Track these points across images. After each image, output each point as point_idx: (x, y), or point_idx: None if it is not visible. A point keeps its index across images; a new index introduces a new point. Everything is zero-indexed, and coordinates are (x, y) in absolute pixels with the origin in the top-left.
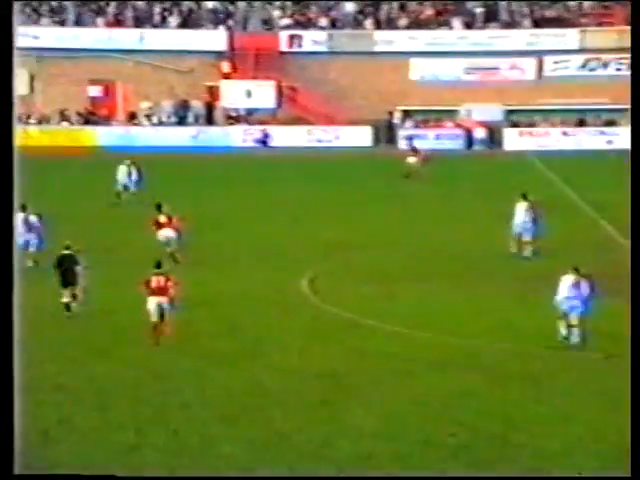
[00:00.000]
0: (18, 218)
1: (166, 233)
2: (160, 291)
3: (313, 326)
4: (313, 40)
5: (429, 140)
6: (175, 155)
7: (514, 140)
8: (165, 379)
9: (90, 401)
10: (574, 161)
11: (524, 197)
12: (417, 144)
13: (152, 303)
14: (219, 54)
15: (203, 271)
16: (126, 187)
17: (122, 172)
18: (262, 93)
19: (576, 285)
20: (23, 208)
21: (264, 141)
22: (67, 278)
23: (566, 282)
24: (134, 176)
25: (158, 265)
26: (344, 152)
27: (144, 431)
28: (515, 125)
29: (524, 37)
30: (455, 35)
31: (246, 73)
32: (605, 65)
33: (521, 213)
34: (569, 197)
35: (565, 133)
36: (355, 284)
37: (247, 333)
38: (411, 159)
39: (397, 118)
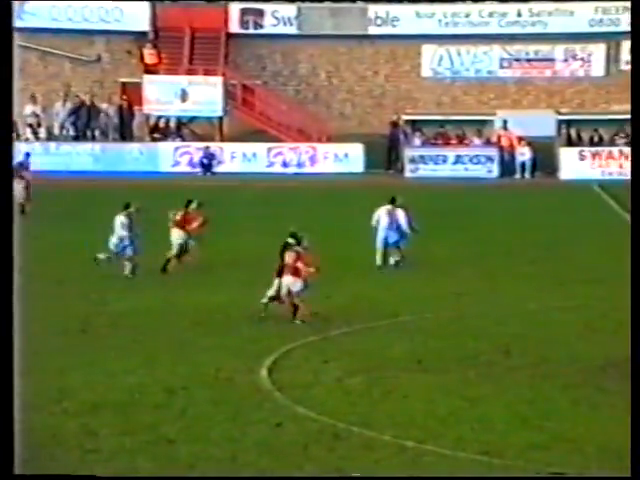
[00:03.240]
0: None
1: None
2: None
3: (276, 438)
4: (277, 17)
5: (446, 164)
6: (72, 183)
7: (574, 165)
8: None
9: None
10: None
11: None
12: (425, 169)
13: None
14: (139, 36)
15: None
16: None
17: (120, 225)
18: (203, 94)
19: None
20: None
21: (206, 164)
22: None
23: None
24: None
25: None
26: (323, 182)
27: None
28: (575, 142)
29: (588, 13)
30: (487, 10)
31: (179, 65)
32: None
33: None
34: None
35: None
36: (338, 373)
37: (180, 448)
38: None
39: (402, 131)
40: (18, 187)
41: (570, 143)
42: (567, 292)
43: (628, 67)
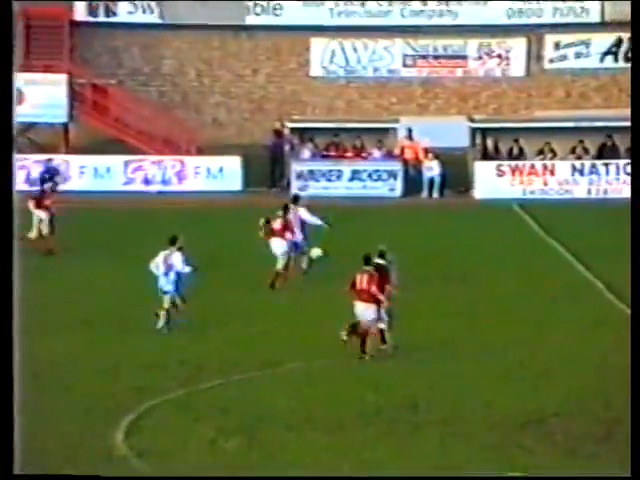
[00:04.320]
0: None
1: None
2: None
3: None
4: (135, 3)
5: (341, 181)
6: None
7: (490, 181)
8: None
9: None
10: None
11: None
12: (315, 187)
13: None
14: None
15: None
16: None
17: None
18: (43, 95)
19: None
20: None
21: (48, 179)
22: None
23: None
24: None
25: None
26: (193, 202)
27: None
28: (491, 156)
29: (505, 2)
30: None
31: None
32: None
33: None
34: None
35: (579, 170)
36: (211, 433)
37: None
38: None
39: (288, 142)
40: None
41: (486, 156)
42: (482, 334)
43: (552, 66)
